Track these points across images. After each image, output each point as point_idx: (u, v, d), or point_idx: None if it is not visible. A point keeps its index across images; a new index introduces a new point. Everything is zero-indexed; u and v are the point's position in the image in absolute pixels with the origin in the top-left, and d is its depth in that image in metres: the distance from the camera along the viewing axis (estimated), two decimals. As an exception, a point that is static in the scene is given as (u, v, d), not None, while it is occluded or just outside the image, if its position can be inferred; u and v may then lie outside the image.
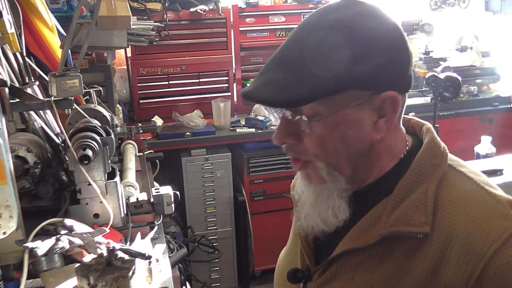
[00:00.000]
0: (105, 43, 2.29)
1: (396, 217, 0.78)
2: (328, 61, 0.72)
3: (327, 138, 0.78)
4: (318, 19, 0.78)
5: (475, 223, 0.74)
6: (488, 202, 0.76)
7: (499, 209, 0.75)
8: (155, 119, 3.42)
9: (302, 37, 0.77)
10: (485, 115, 3.79)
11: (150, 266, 1.40)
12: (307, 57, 0.74)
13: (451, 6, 4.34)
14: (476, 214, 0.75)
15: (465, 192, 0.78)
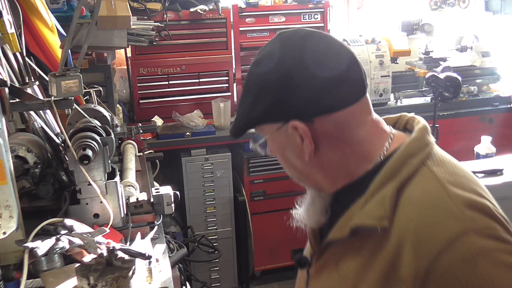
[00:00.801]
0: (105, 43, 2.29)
1: (364, 211, 0.84)
2: (244, 104, 0.91)
3: (278, 158, 0.96)
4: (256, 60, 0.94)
5: (425, 223, 0.77)
6: (442, 202, 0.78)
7: (451, 210, 0.77)
8: (155, 119, 3.42)
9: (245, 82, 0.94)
10: (485, 115, 3.79)
11: (150, 266, 1.40)
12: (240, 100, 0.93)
13: (451, 6, 4.34)
14: (427, 213, 0.78)
15: (424, 191, 0.81)
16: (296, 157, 0.91)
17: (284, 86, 0.85)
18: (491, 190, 0.88)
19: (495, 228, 0.77)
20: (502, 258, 0.74)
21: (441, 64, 3.78)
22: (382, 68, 3.69)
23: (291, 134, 0.87)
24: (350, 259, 0.87)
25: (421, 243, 0.76)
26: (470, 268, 0.73)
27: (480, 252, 0.74)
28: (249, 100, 0.89)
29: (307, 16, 3.68)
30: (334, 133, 0.87)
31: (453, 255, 0.74)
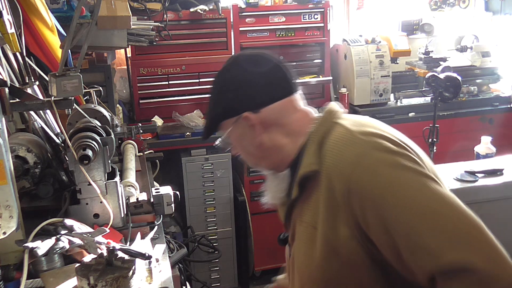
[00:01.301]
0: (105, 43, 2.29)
1: (301, 167, 1.11)
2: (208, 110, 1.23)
3: (238, 149, 1.23)
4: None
5: (338, 155, 1.05)
6: (345, 136, 1.07)
7: (350, 139, 1.06)
8: (155, 119, 3.42)
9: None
10: (485, 115, 3.79)
11: (150, 266, 1.40)
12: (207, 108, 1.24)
13: (451, 6, 4.34)
14: (338, 149, 1.06)
15: (336, 136, 1.09)
16: (250, 144, 1.18)
17: (234, 88, 1.16)
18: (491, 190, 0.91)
19: (386, 144, 1.03)
20: (395, 161, 0.99)
21: (441, 64, 3.78)
22: (382, 68, 3.69)
23: (244, 124, 1.16)
24: (306, 209, 1.12)
25: (339, 171, 1.03)
26: (375, 175, 0.98)
27: (377, 161, 1.00)
28: (211, 106, 1.21)
29: (307, 16, 3.69)
30: (276, 119, 1.17)
31: (360, 170, 1.00)
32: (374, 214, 0.97)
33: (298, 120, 1.18)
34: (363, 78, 3.68)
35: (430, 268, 0.90)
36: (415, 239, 0.91)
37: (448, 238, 0.90)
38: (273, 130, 1.17)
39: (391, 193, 0.96)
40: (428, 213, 0.93)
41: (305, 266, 1.14)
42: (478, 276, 0.85)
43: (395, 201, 0.95)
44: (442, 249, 0.89)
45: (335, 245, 1.04)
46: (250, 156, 1.22)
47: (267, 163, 1.22)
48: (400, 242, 0.94)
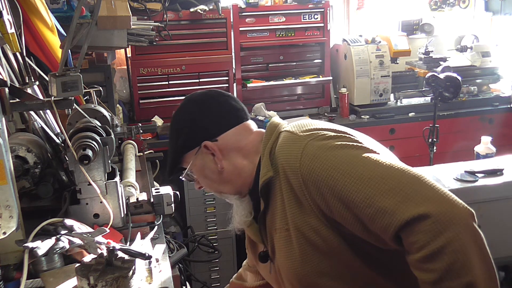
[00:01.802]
0: (105, 43, 2.30)
1: (260, 178, 1.19)
2: (169, 147, 1.31)
3: (202, 180, 1.31)
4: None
5: (286, 154, 1.14)
6: (290, 137, 1.17)
7: (294, 138, 1.16)
8: (155, 119, 3.42)
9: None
10: (485, 115, 3.79)
11: (150, 266, 1.40)
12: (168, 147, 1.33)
13: (451, 6, 4.34)
14: (285, 149, 1.15)
15: (282, 139, 1.18)
16: (213, 172, 1.25)
17: (191, 122, 1.26)
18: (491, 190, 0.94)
19: (323, 133, 1.13)
20: (333, 144, 1.09)
21: (441, 64, 3.78)
22: (382, 68, 3.69)
23: (205, 152, 1.24)
24: (275, 216, 1.19)
25: (291, 167, 1.12)
26: (319, 160, 1.08)
27: (318, 148, 1.10)
28: (172, 144, 1.29)
29: (307, 16, 3.69)
30: (233, 143, 1.25)
31: (306, 160, 1.09)
32: (330, 195, 1.05)
33: (252, 141, 1.27)
34: (363, 78, 3.69)
35: (391, 227, 0.97)
36: (370, 204, 1.00)
37: (398, 195, 0.98)
38: (232, 154, 1.25)
39: (336, 170, 1.05)
40: (374, 178, 1.02)
41: (291, 270, 1.18)
42: (433, 219, 0.93)
43: (342, 176, 1.04)
44: (396, 206, 0.97)
45: (310, 239, 1.12)
46: (214, 184, 1.29)
47: (230, 188, 1.27)
48: (360, 212, 1.02)
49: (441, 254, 0.93)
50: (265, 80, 3.70)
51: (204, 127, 1.26)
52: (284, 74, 3.74)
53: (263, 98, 3.68)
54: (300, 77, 3.75)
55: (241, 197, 1.28)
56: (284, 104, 3.77)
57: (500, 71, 4.03)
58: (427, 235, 0.93)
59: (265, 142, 1.22)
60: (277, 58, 3.75)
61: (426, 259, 0.94)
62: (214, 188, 1.31)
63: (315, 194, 1.08)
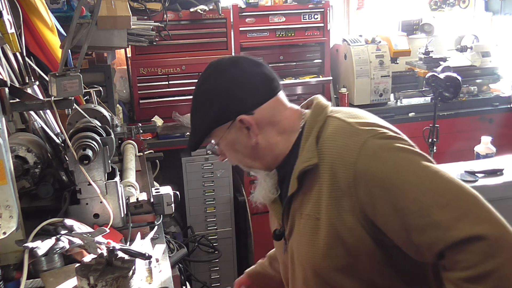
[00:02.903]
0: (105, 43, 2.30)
1: (299, 162, 1.14)
2: (198, 117, 1.21)
3: (230, 154, 1.24)
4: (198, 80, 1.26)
5: (340, 146, 1.08)
6: (345, 128, 1.11)
7: (351, 130, 1.10)
8: (155, 119, 3.42)
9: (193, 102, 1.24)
10: (485, 115, 3.79)
11: (150, 266, 1.40)
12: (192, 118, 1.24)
13: (451, 6, 4.34)
14: (339, 139, 1.10)
15: (332, 129, 1.13)
16: (245, 147, 1.19)
17: (224, 94, 1.16)
18: (491, 190, 0.95)
19: (383, 131, 1.09)
20: (394, 146, 1.05)
21: (441, 64, 3.78)
22: (382, 68, 3.69)
23: (239, 127, 1.16)
24: (306, 202, 1.14)
25: (343, 160, 1.06)
26: (379, 160, 1.03)
27: (379, 147, 1.05)
28: (199, 115, 1.20)
29: (307, 16, 3.68)
30: (269, 117, 1.18)
31: (364, 157, 1.04)
32: (382, 197, 1.01)
33: (289, 117, 1.20)
34: (363, 78, 3.68)
35: (442, 242, 0.95)
36: (425, 215, 0.96)
37: (456, 212, 0.95)
38: (267, 129, 1.18)
39: (397, 174, 1.01)
40: (433, 189, 0.98)
41: (308, 257, 1.15)
42: (487, 242, 0.92)
43: (400, 181, 1.00)
44: (452, 223, 0.94)
45: (341, 234, 1.08)
46: (244, 159, 1.23)
47: (261, 163, 1.22)
48: (410, 221, 0.98)
49: (487, 277, 0.91)
50: (265, 80, 3.69)
51: (240, 99, 1.16)
52: (284, 74, 3.74)
53: (263, 98, 3.67)
54: (300, 77, 3.75)
55: (269, 171, 1.23)
56: (284, 104, 3.76)
57: (500, 71, 4.03)
58: (478, 257, 0.92)
59: (311, 124, 1.16)
60: (277, 58, 3.75)
61: (470, 280, 0.93)
62: (243, 163, 1.25)
63: (363, 193, 1.03)
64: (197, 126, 1.22)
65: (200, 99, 1.20)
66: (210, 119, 1.18)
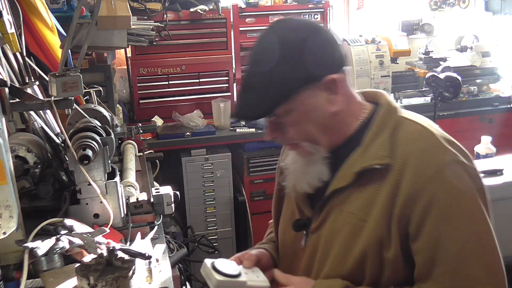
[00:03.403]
0: (105, 43, 2.30)
1: (365, 157, 1.04)
2: (278, 74, 1.00)
3: (300, 125, 1.06)
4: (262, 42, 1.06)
5: (423, 153, 1.00)
6: (430, 138, 1.04)
7: (439, 143, 1.03)
8: (155, 119, 3.42)
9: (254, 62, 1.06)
10: (485, 115, 3.79)
11: (150, 266, 1.40)
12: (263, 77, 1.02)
13: (451, 6, 4.34)
14: (424, 147, 1.02)
15: (416, 131, 1.05)
16: (322, 114, 1.05)
17: (319, 47, 1.02)
18: (491, 190, 1.01)
19: (462, 160, 1.02)
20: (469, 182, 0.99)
21: (441, 64, 3.78)
22: (382, 68, 3.69)
23: (324, 89, 1.03)
24: (354, 199, 1.05)
25: (419, 168, 0.99)
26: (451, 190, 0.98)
27: (457, 177, 0.99)
28: (283, 69, 1.00)
29: (307, 16, 3.69)
30: (348, 86, 1.08)
31: (440, 179, 0.97)
32: (433, 224, 0.97)
33: (355, 96, 1.11)
34: (363, 78, 3.69)
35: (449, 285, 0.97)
36: (461, 262, 0.97)
37: (488, 275, 0.97)
38: (345, 99, 1.07)
39: (459, 212, 0.98)
40: (481, 245, 0.98)
41: (339, 259, 1.07)
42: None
43: (459, 220, 0.98)
44: (479, 282, 0.96)
45: (383, 243, 1.02)
46: (315, 132, 1.07)
47: (329, 138, 1.09)
48: (444, 259, 0.97)
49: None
50: (265, 80, 3.69)
51: (331, 55, 1.04)
52: (284, 74, 3.73)
53: (263, 98, 3.67)
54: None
55: (327, 153, 1.10)
56: (284, 104, 3.76)
57: (500, 71, 4.03)
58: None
59: (383, 119, 1.07)
60: (277, 58, 3.74)
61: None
62: (309, 137, 1.08)
63: (419, 211, 0.98)
64: (274, 85, 1.01)
65: (287, 51, 1.00)
66: (299, 75, 1.00)
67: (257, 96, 1.02)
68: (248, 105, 1.05)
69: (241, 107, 1.07)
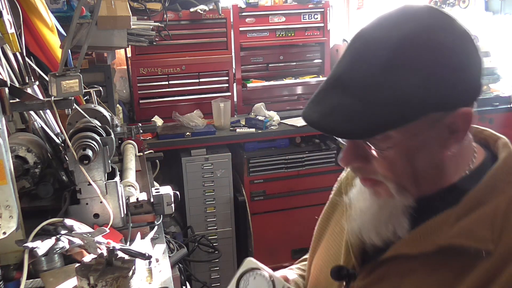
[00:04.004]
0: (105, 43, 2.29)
1: (459, 229, 0.75)
2: (399, 86, 0.70)
3: (397, 162, 0.76)
4: (382, 34, 0.75)
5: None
6: None
7: None
8: (155, 119, 3.42)
9: (365, 57, 0.74)
10: (485, 115, 3.79)
11: (150, 266, 1.40)
12: (375, 82, 0.71)
13: (451, 6, 4.34)
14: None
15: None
16: (429, 158, 0.77)
17: (469, 63, 0.75)
18: None
19: None
20: None
21: (441, 64, 3.78)
22: (382, 68, 3.68)
23: (450, 124, 0.74)
24: (422, 278, 0.77)
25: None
26: None
27: None
28: (415, 79, 0.70)
29: (307, 16, 3.69)
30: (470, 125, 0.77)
31: None
32: None
33: (468, 142, 0.82)
34: (363, 78, 3.68)
35: None
36: None
37: None
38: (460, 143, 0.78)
39: None
40: None
41: None
42: None
43: None
44: None
45: None
46: (410, 177, 0.78)
47: (420, 187, 0.80)
48: None
49: None
50: (265, 80, 3.70)
51: (473, 79, 0.75)
52: (284, 74, 3.74)
53: (263, 98, 3.68)
54: (300, 77, 3.75)
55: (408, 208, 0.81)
56: (284, 104, 3.77)
57: (500, 71, 4.03)
58: None
59: (500, 178, 0.77)
60: (277, 58, 3.75)
61: None
62: (399, 180, 0.79)
63: None
64: (399, 100, 0.70)
65: (404, 54, 0.71)
66: (431, 96, 0.71)
67: (364, 106, 0.71)
68: (342, 114, 0.73)
69: (327, 114, 0.74)
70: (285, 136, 3.40)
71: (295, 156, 3.42)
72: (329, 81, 0.77)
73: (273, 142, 3.42)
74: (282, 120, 3.49)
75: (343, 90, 0.74)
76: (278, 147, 3.42)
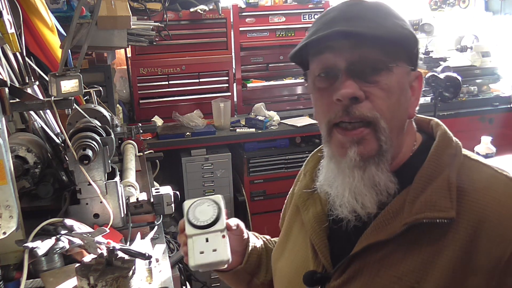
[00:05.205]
0: (105, 43, 2.29)
1: (420, 205, 0.80)
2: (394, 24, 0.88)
3: (391, 94, 0.82)
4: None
5: (504, 207, 0.77)
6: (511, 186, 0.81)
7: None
8: (155, 119, 3.42)
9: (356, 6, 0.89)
10: (485, 115, 3.79)
11: (150, 266, 1.40)
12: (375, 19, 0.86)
13: (451, 6, 4.34)
14: (503, 198, 0.78)
15: (488, 177, 0.82)
16: (405, 108, 0.87)
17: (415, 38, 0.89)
18: None
19: None
20: None
21: (441, 64, 3.78)
22: (382, 68, 3.68)
23: (410, 82, 0.87)
24: (399, 260, 0.80)
25: (503, 227, 0.76)
26: None
27: None
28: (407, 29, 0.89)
29: (307, 16, 3.69)
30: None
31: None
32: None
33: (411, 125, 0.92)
34: (363, 78, 3.68)
35: None
36: None
37: None
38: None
39: None
40: None
41: None
42: None
43: None
44: None
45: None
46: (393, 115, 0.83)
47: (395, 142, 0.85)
48: None
49: None
50: (265, 80, 3.70)
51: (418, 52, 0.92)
52: (284, 74, 3.73)
53: (263, 98, 3.68)
54: (300, 77, 3.75)
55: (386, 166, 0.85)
56: (284, 104, 3.77)
57: (500, 71, 4.03)
58: None
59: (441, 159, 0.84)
60: (277, 58, 3.75)
61: None
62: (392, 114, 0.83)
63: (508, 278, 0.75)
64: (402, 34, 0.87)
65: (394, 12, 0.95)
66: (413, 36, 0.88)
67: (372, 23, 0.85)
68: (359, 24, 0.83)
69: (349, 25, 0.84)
70: (285, 136, 3.40)
71: (295, 156, 3.42)
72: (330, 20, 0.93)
73: (273, 142, 3.42)
74: (282, 120, 3.49)
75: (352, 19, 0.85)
76: (278, 147, 3.42)
